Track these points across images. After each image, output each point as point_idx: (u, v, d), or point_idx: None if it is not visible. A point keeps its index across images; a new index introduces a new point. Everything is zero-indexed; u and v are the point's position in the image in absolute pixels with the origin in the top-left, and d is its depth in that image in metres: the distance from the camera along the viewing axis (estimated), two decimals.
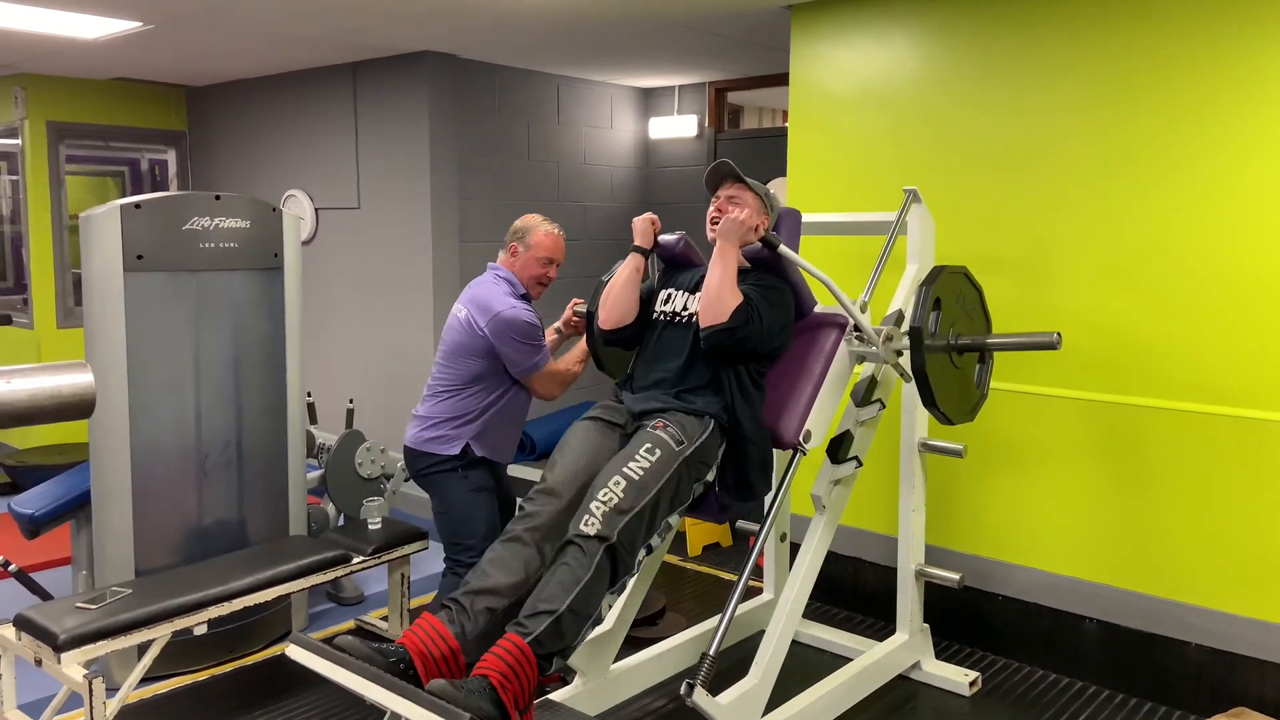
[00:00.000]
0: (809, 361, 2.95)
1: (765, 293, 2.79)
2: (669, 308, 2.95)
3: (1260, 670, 3.12)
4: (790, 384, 2.92)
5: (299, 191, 5.85)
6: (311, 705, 3.30)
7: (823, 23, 3.98)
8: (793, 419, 2.86)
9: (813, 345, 2.98)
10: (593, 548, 2.42)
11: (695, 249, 3.11)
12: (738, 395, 2.75)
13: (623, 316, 2.95)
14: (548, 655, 2.36)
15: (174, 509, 3.49)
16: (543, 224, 3.30)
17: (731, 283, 2.71)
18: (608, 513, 2.46)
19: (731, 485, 2.78)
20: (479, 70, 5.38)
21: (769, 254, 2.82)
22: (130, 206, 3.33)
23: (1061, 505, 3.52)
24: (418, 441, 3.25)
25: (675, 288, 2.99)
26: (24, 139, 6.06)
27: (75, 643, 2.76)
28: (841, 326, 2.99)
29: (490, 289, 3.24)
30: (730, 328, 2.66)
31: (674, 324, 2.90)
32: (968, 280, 3.17)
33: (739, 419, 2.74)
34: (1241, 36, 3.05)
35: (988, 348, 3.14)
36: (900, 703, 3.37)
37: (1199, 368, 3.20)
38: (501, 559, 2.55)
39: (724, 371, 2.76)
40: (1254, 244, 3.07)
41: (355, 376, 5.62)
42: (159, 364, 3.41)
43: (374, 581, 4.36)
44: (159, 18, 4.32)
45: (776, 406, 2.88)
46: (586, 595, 2.39)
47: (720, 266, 2.72)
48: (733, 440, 2.76)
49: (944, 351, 3.01)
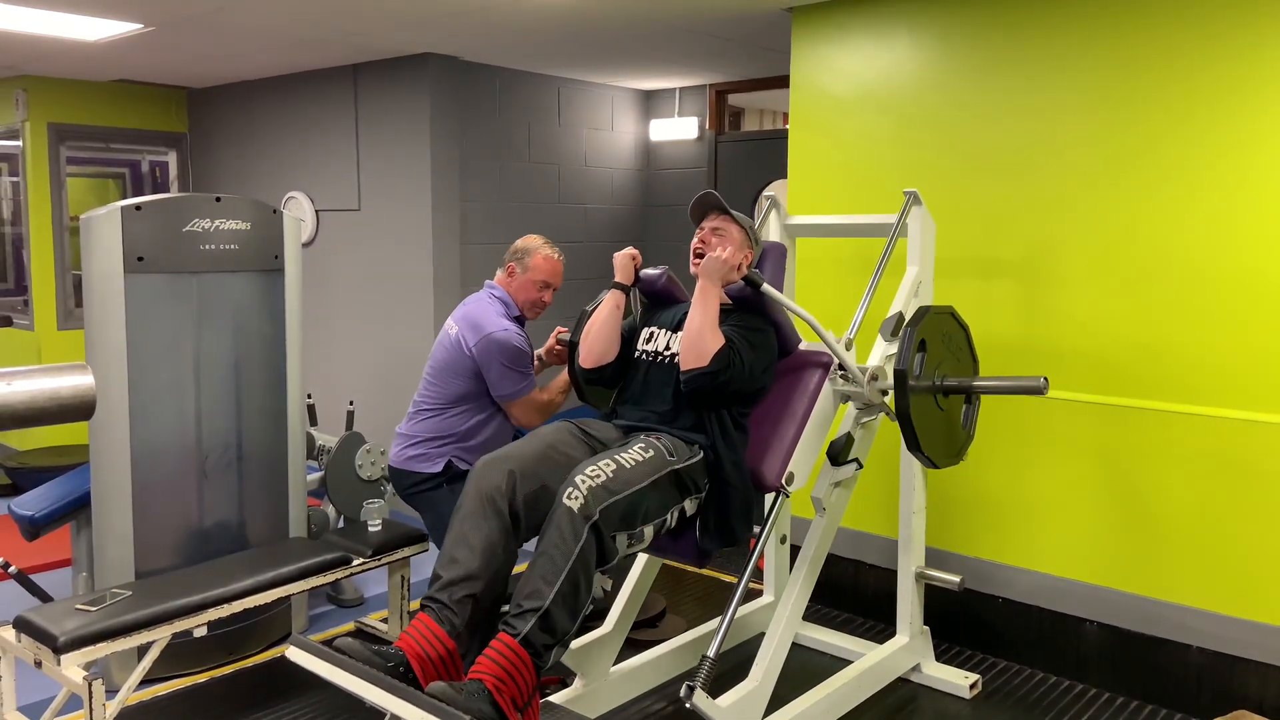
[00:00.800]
0: (792, 402, 2.89)
1: (748, 334, 2.74)
2: (651, 347, 2.90)
3: (1261, 673, 3.12)
4: (773, 425, 2.86)
5: (300, 193, 5.85)
6: (311, 707, 3.30)
7: (824, 25, 3.99)
8: (775, 462, 2.80)
9: (796, 385, 2.92)
10: (578, 525, 2.35)
11: (678, 284, 3.08)
12: (720, 439, 2.70)
13: (603, 355, 2.90)
14: (541, 647, 2.32)
15: (174, 511, 3.49)
16: (543, 247, 3.27)
17: (713, 324, 2.65)
18: (594, 488, 2.39)
19: (713, 529, 2.72)
20: (480, 72, 5.39)
21: (751, 292, 2.78)
22: (131, 208, 3.33)
23: (1062, 508, 3.51)
24: (400, 460, 3.24)
25: (657, 326, 2.94)
26: (25, 141, 6.07)
27: (75, 644, 2.76)
28: (826, 366, 2.93)
29: (484, 308, 3.21)
30: (711, 372, 2.61)
31: (657, 364, 2.86)
32: (954, 320, 3.10)
33: (722, 463, 2.69)
34: (1246, 37, 3.05)
35: (973, 390, 3.04)
36: (900, 705, 3.37)
37: (1200, 370, 3.20)
38: (461, 542, 2.49)
39: (707, 414, 2.71)
40: (1257, 246, 3.07)
41: (355, 378, 5.62)
42: (159, 366, 3.41)
43: (374, 583, 4.36)
44: (160, 20, 4.32)
45: (759, 448, 2.82)
46: (572, 581, 2.33)
47: (701, 307, 2.67)
48: (716, 483, 2.71)
49: (929, 393, 2.95)
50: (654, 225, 6.41)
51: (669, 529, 2.66)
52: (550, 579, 2.32)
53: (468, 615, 2.45)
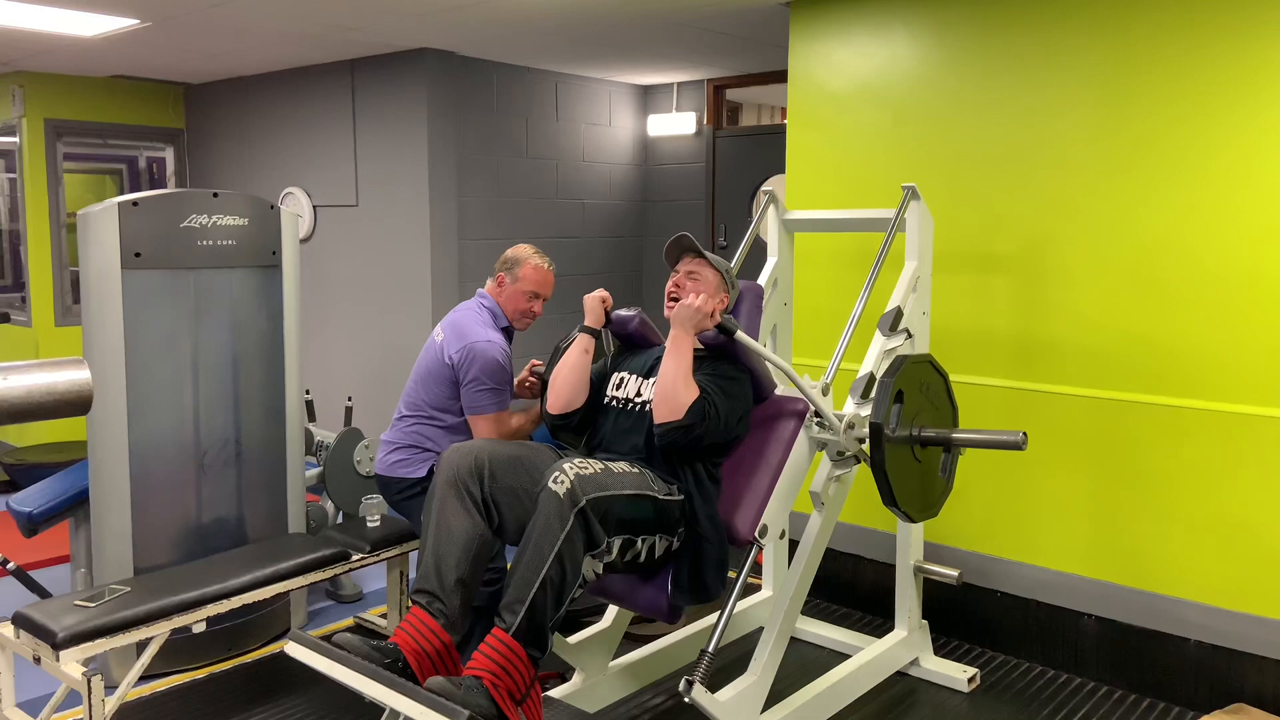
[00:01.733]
0: (767, 452, 2.81)
1: (722, 383, 2.65)
2: (621, 394, 2.82)
3: (1259, 666, 3.12)
4: (747, 476, 2.77)
5: (297, 189, 5.84)
6: (310, 703, 3.30)
7: (822, 20, 3.98)
8: (748, 514, 2.71)
9: (771, 434, 2.83)
10: (564, 510, 2.31)
11: (651, 326, 2.98)
12: (695, 490, 2.62)
13: (570, 400, 2.81)
14: (534, 639, 2.32)
15: (172, 507, 3.49)
16: (532, 256, 3.24)
17: (687, 375, 2.55)
18: (581, 476, 2.36)
19: (686, 585, 2.63)
20: (477, 67, 5.38)
21: (726, 340, 2.68)
22: (128, 204, 3.32)
23: (1061, 502, 3.52)
24: (385, 467, 3.22)
25: (628, 371, 2.85)
26: (22, 137, 6.06)
27: (74, 640, 2.76)
28: (801, 414, 2.85)
29: (471, 317, 3.18)
30: (686, 425, 2.51)
31: (626, 411, 2.77)
32: (933, 368, 3.01)
33: (698, 516, 2.62)
34: (1247, 33, 3.04)
35: (951, 443, 2.95)
36: (899, 699, 3.37)
37: (1199, 365, 3.20)
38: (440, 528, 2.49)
39: (681, 466, 2.63)
40: (1258, 240, 3.06)
41: (354, 374, 5.62)
42: (157, 362, 3.41)
43: (373, 579, 4.36)
44: (157, 15, 4.31)
45: (732, 500, 2.73)
46: (559, 568, 2.30)
47: (674, 357, 2.57)
48: (690, 537, 2.63)
49: (905, 444, 2.85)
50: (652, 220, 6.41)
51: (637, 560, 2.55)
52: (537, 567, 2.30)
53: (459, 601, 2.45)
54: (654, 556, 2.58)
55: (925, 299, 3.31)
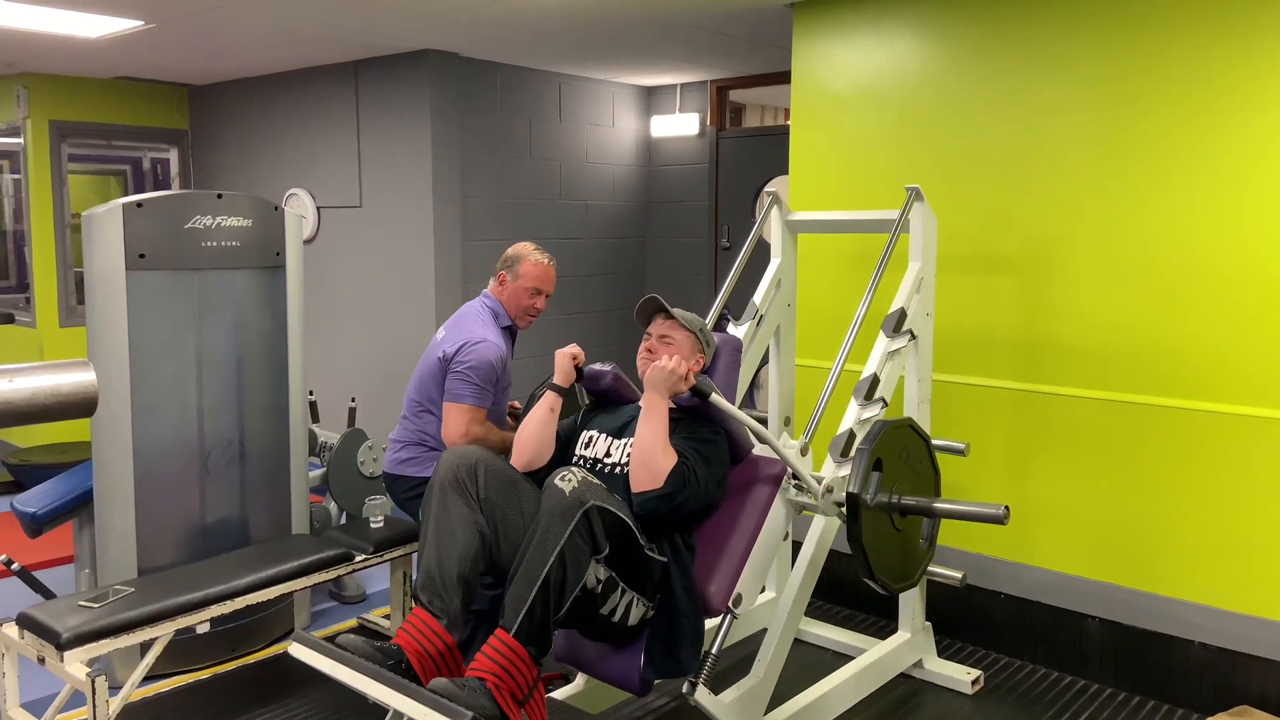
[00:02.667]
0: (742, 518, 2.72)
1: (700, 447, 2.58)
2: (590, 453, 2.75)
3: (1264, 669, 3.12)
4: (721, 544, 2.69)
5: (301, 190, 5.85)
6: (314, 704, 3.30)
7: (825, 21, 3.98)
8: (723, 584, 2.63)
9: (747, 499, 2.75)
10: (571, 508, 2.30)
11: (626, 382, 2.90)
12: (672, 559, 2.55)
13: (533, 460, 2.72)
14: (535, 638, 2.31)
15: (176, 507, 3.49)
16: (533, 253, 3.25)
17: (664, 442, 2.49)
18: (587, 480, 2.35)
19: (659, 659, 2.55)
20: (481, 68, 5.38)
21: (700, 402, 2.61)
22: (132, 205, 3.33)
23: (1064, 503, 3.51)
24: (393, 465, 3.24)
25: (598, 429, 2.79)
26: (26, 138, 6.07)
27: (78, 641, 2.76)
28: (777, 479, 2.77)
29: (473, 316, 3.20)
30: (667, 494, 2.45)
31: (595, 471, 2.67)
32: (914, 432, 2.94)
33: (673, 587, 2.54)
34: (1250, 33, 3.04)
35: (932, 513, 2.87)
36: (903, 701, 3.37)
37: (1203, 366, 3.19)
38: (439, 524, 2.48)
39: (656, 536, 2.54)
40: (1264, 242, 3.06)
41: (357, 375, 5.62)
42: (161, 363, 3.42)
43: (376, 580, 4.37)
44: (161, 17, 4.32)
45: (707, 568, 2.65)
46: (560, 567, 2.28)
47: (650, 423, 2.50)
48: (664, 608, 2.55)
49: (884, 512, 2.79)
50: (655, 221, 6.41)
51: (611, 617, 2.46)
52: (539, 565, 2.29)
53: (460, 599, 2.45)
54: (628, 619, 2.50)
55: (929, 300, 3.31)
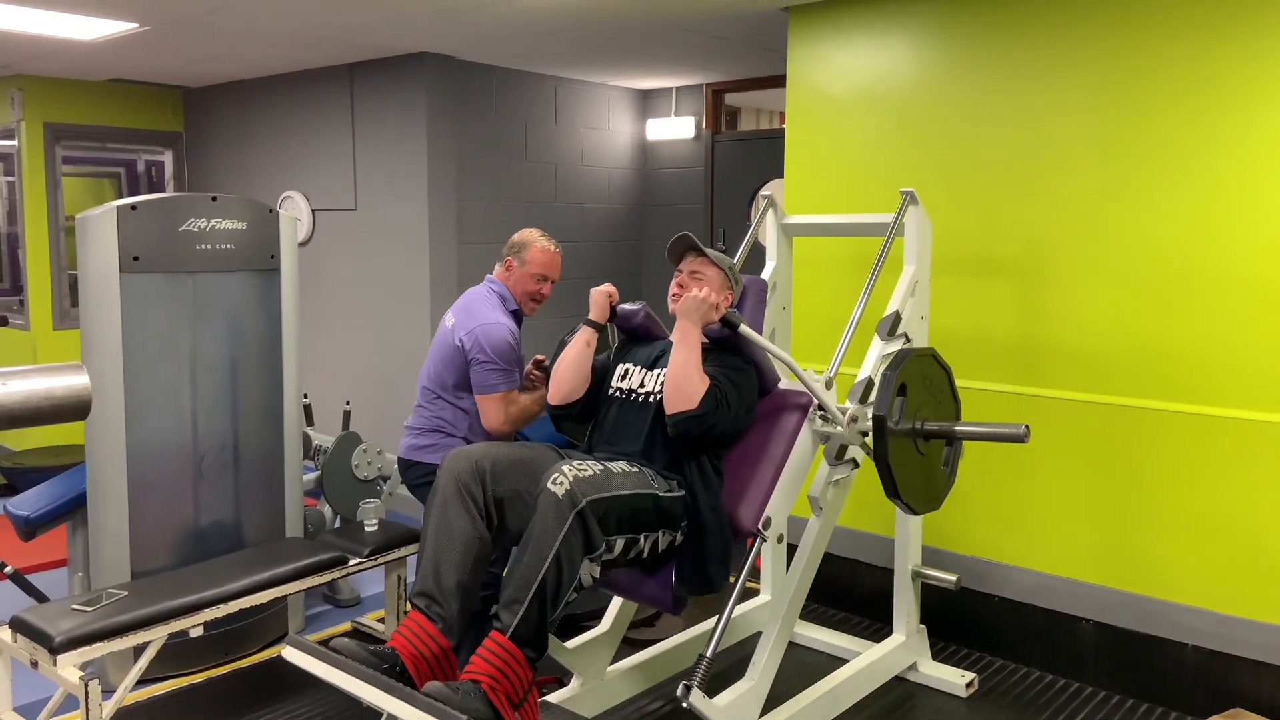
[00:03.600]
0: (770, 445, 2.81)
1: (731, 374, 2.68)
2: (625, 384, 2.84)
3: (1256, 671, 3.12)
4: (750, 469, 2.78)
5: (296, 193, 5.84)
6: (308, 707, 3.29)
7: (820, 24, 3.98)
8: (752, 506, 2.73)
9: (774, 427, 2.84)
10: (563, 510, 2.32)
11: (656, 320, 3.01)
12: (699, 482, 2.65)
13: (571, 392, 2.84)
14: (531, 639, 2.32)
15: (170, 511, 3.48)
16: (539, 240, 3.27)
17: (698, 365, 2.60)
18: (579, 478, 2.37)
19: (689, 577, 2.65)
20: (476, 71, 5.38)
21: (730, 333, 2.73)
22: (126, 208, 3.33)
23: (1059, 506, 3.52)
24: (408, 451, 3.25)
25: (632, 363, 2.88)
26: (20, 140, 6.06)
27: (71, 645, 2.75)
28: (804, 407, 2.85)
29: (481, 300, 3.21)
30: (700, 414, 2.55)
31: (630, 402, 2.80)
32: (935, 362, 3.03)
33: (699, 508, 2.63)
34: (1247, 36, 3.05)
35: (954, 436, 2.97)
36: (897, 704, 3.37)
37: (1198, 369, 3.20)
38: (442, 529, 2.49)
39: (686, 458, 2.65)
40: (1260, 245, 3.07)
41: (352, 378, 5.61)
42: (155, 366, 3.41)
43: (371, 583, 4.36)
44: (156, 19, 4.31)
45: (736, 493, 2.75)
46: (556, 569, 2.30)
47: (684, 349, 2.61)
48: (693, 528, 2.65)
49: (908, 437, 2.88)
50: (651, 224, 6.41)
51: (640, 557, 2.58)
52: (535, 568, 2.31)
53: (458, 605, 2.45)
54: (657, 552, 2.61)
55: (924, 303, 3.31)
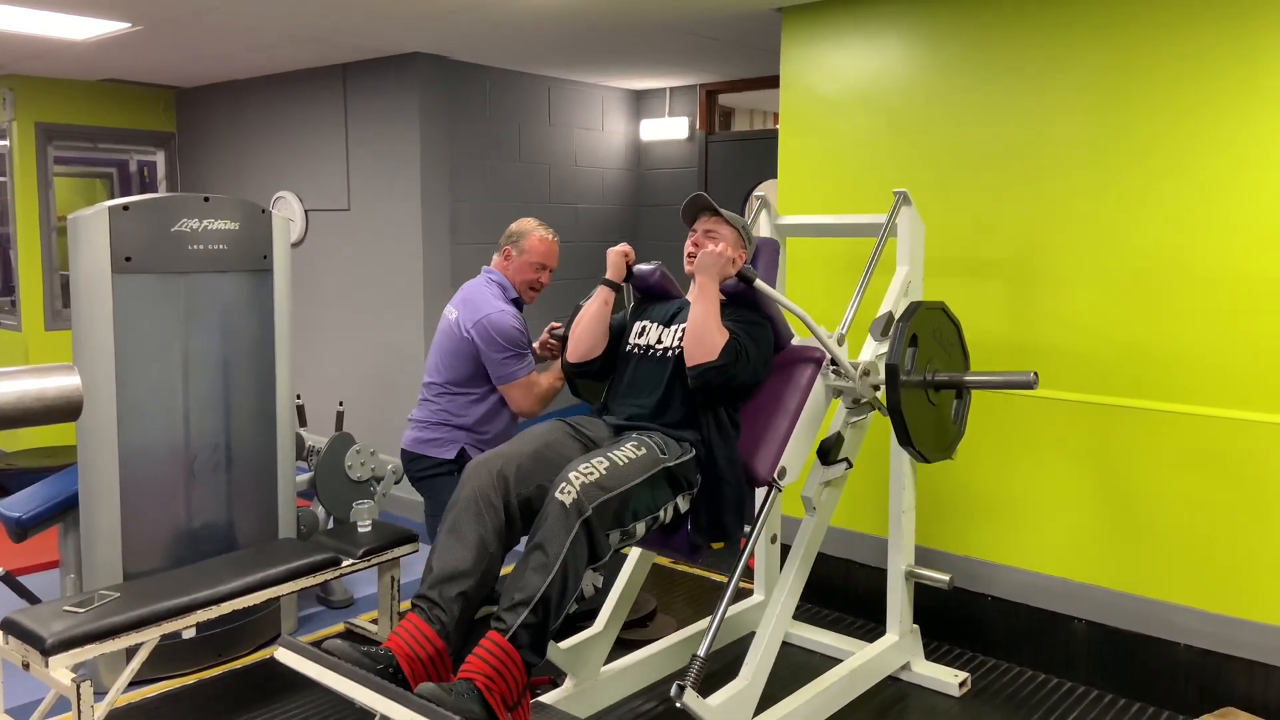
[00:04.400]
0: (785, 397, 2.89)
1: (748, 328, 2.76)
2: (643, 341, 2.90)
3: (1248, 670, 3.13)
4: (766, 420, 2.86)
5: (289, 193, 5.83)
6: (300, 709, 3.29)
7: (814, 25, 3.99)
8: (768, 456, 2.79)
9: (789, 380, 2.92)
10: (570, 520, 2.35)
11: (672, 280, 3.08)
12: (715, 433, 2.70)
13: (589, 349, 2.91)
14: (530, 644, 2.33)
15: (162, 512, 3.48)
16: (537, 229, 3.29)
17: (717, 318, 2.66)
18: (586, 484, 2.40)
19: (705, 525, 2.72)
20: (469, 72, 5.38)
21: (745, 288, 2.78)
22: (118, 208, 3.32)
23: (1051, 506, 3.53)
24: (413, 444, 3.26)
25: (649, 320, 2.94)
26: (12, 140, 6.04)
27: (63, 646, 2.75)
28: (818, 361, 2.93)
29: (481, 291, 3.24)
30: (720, 365, 2.61)
31: (648, 358, 2.86)
32: (945, 315, 3.11)
33: (715, 458, 2.69)
34: (1241, 37, 3.06)
35: (964, 385, 3.06)
36: (890, 704, 3.38)
37: (1190, 369, 3.21)
38: (454, 539, 2.49)
39: (702, 410, 2.71)
40: (1250, 246, 3.08)
41: (345, 379, 5.60)
42: (147, 366, 3.40)
43: (364, 584, 4.35)
44: (148, 19, 4.30)
45: (752, 443, 2.82)
46: (562, 577, 2.33)
47: (703, 303, 2.67)
48: (708, 479, 2.71)
49: (920, 388, 2.96)
50: (645, 225, 6.41)
51: (662, 525, 2.66)
52: (540, 574, 2.33)
53: (458, 613, 2.45)
54: (679, 514, 2.70)
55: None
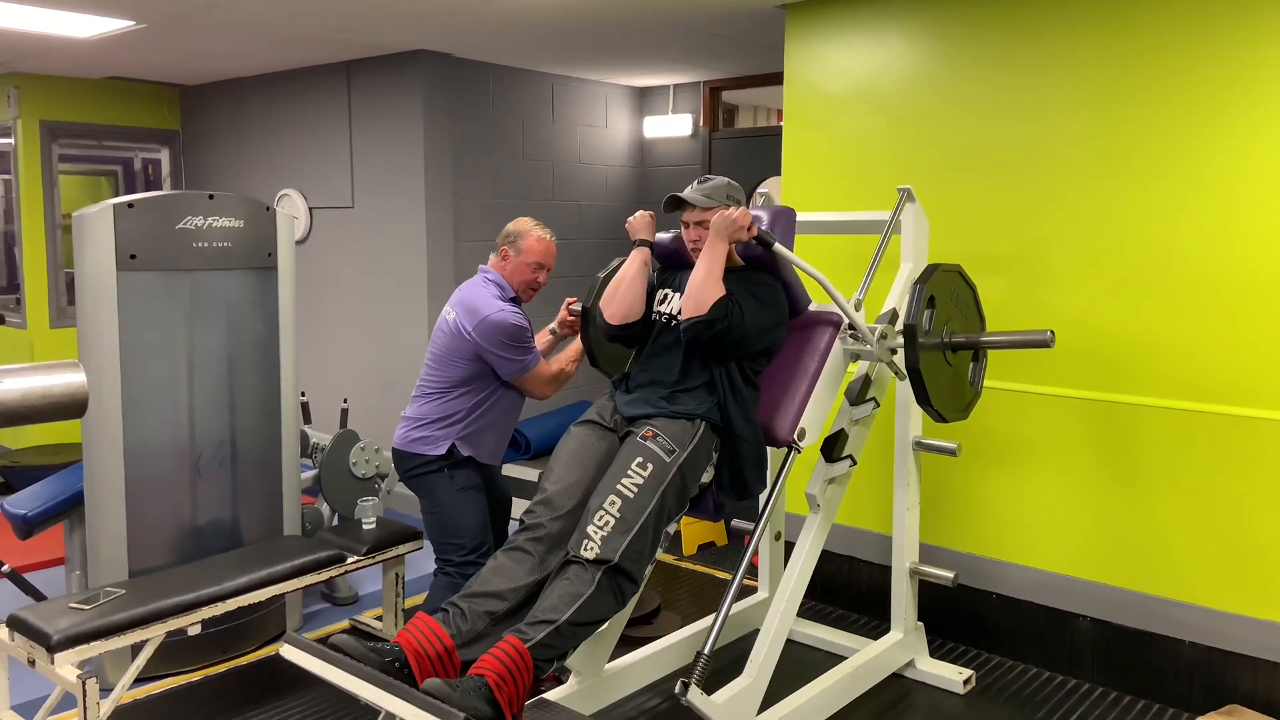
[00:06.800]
0: (803, 359, 2.95)
1: (754, 289, 2.79)
2: (665, 309, 2.94)
3: (1253, 668, 3.13)
4: (785, 382, 2.92)
5: (293, 190, 5.83)
6: (306, 705, 3.29)
7: (817, 22, 3.98)
8: (787, 417, 2.86)
9: (807, 343, 2.98)
10: (591, 571, 2.45)
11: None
12: (730, 394, 2.75)
13: (629, 311, 2.89)
14: (545, 660, 2.39)
15: (168, 509, 3.48)
16: (535, 229, 3.28)
17: (716, 277, 2.69)
18: (606, 536, 2.48)
19: (727, 484, 2.79)
20: (473, 69, 5.38)
21: (764, 252, 2.82)
22: (123, 206, 3.32)
23: (1056, 503, 3.52)
24: (404, 442, 3.25)
25: (671, 288, 2.97)
26: (17, 138, 6.05)
27: (69, 643, 2.76)
28: (836, 325, 3.00)
29: (479, 291, 3.22)
30: (709, 320, 2.64)
31: (669, 327, 2.89)
32: (962, 278, 3.17)
33: (731, 418, 2.74)
34: (1239, 33, 3.05)
35: (981, 345, 3.13)
36: (895, 701, 3.38)
37: (1193, 366, 3.20)
38: (503, 567, 2.58)
39: (717, 371, 2.75)
40: (1250, 242, 3.07)
41: (349, 376, 5.61)
42: (152, 364, 3.41)
43: (368, 581, 4.36)
44: (152, 17, 4.31)
45: (771, 404, 2.89)
46: (587, 609, 2.43)
47: (706, 260, 2.71)
48: (727, 440, 2.76)
49: (938, 349, 3.01)
50: None
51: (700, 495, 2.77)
52: (570, 600, 2.42)
53: (480, 629, 2.50)
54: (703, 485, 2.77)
55: None
